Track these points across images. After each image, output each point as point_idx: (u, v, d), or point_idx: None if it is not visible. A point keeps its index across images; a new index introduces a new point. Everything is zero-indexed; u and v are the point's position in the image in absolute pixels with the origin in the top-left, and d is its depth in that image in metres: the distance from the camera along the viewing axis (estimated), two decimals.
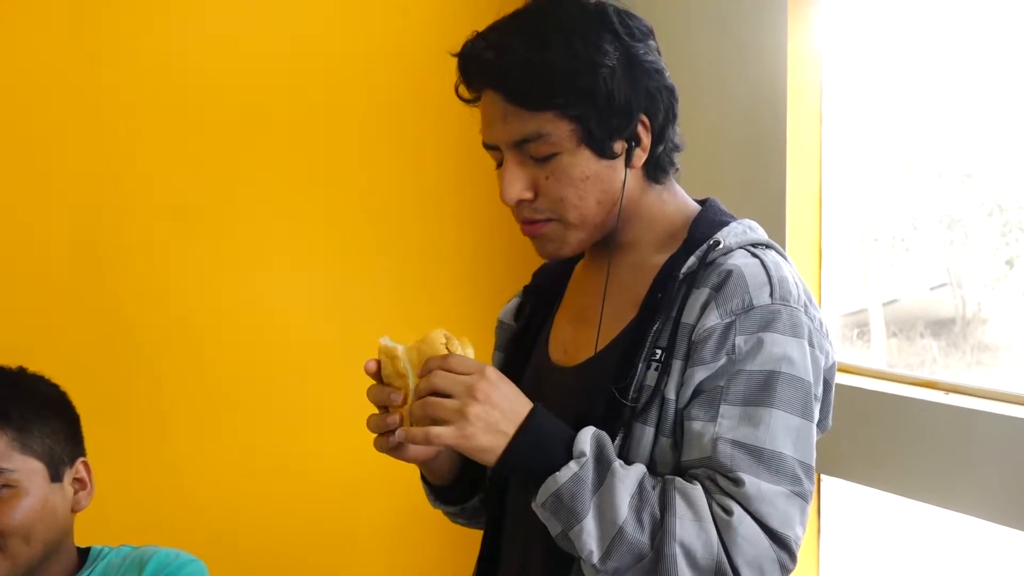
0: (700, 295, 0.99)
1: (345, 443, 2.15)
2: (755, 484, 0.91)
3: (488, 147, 1.06)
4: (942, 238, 2.06)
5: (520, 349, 1.16)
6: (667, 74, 1.06)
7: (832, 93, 2.09)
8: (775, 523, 0.91)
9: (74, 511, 1.31)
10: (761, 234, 1.08)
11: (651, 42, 1.06)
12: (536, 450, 0.93)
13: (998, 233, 1.96)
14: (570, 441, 0.94)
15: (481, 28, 1.05)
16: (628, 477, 0.92)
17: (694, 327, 0.98)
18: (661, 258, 1.06)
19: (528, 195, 1.03)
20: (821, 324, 1.03)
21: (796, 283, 1.01)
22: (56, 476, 1.29)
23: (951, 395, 1.79)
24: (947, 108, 2.00)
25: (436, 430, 0.93)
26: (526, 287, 1.22)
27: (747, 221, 1.08)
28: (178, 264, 2.02)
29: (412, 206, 2.23)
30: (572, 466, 0.92)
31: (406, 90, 2.23)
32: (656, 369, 0.99)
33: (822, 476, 2.05)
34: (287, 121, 2.13)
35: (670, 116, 1.06)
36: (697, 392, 0.97)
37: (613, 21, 1.03)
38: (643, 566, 0.90)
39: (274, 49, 2.10)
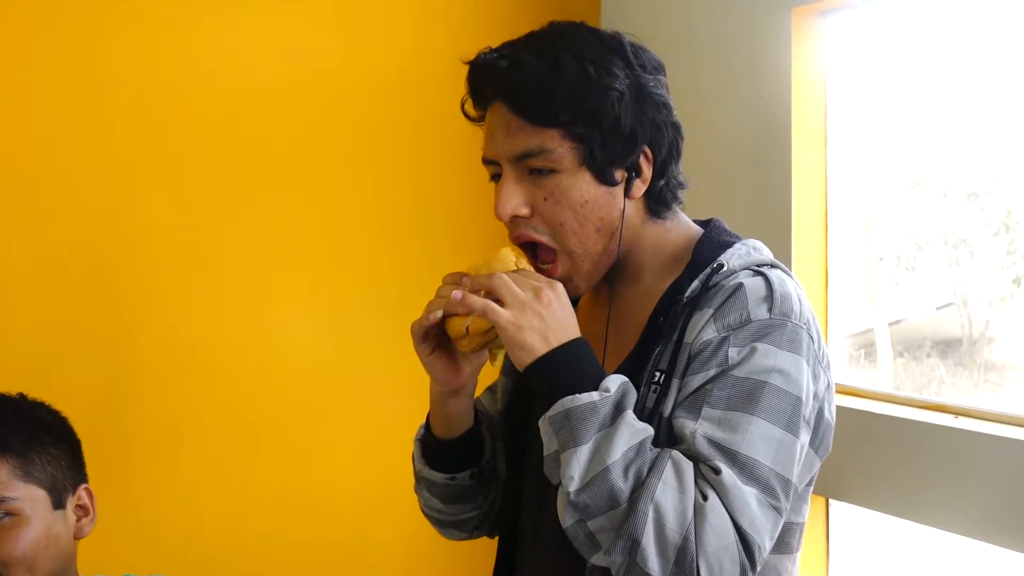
0: (703, 316, 0.99)
1: (353, 467, 2.15)
2: (731, 476, 0.91)
3: (487, 162, 1.06)
4: (948, 257, 2.05)
5: (517, 372, 1.13)
6: (674, 111, 1.07)
7: (837, 113, 2.10)
8: (744, 522, 0.90)
9: (77, 538, 1.30)
10: (766, 254, 1.07)
11: (661, 77, 1.07)
12: (568, 369, 0.95)
13: (1004, 252, 1.96)
14: (601, 377, 0.95)
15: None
16: (634, 430, 0.92)
17: (692, 344, 0.99)
18: (665, 284, 1.06)
19: (524, 211, 1.03)
20: (821, 348, 1.02)
21: (800, 300, 1.01)
22: (59, 503, 1.28)
23: (960, 419, 1.78)
24: (952, 127, 2.00)
25: (494, 305, 0.96)
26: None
27: (751, 241, 1.08)
28: (186, 290, 2.01)
29: (418, 233, 2.23)
30: (594, 395, 0.93)
31: (411, 117, 2.22)
32: (655, 391, 0.99)
33: (830, 501, 2.04)
34: (294, 149, 2.11)
35: (674, 152, 1.07)
36: (685, 396, 0.98)
37: (627, 51, 1.04)
38: (614, 514, 0.90)
39: (280, 78, 2.09)
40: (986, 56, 1.90)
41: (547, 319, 0.96)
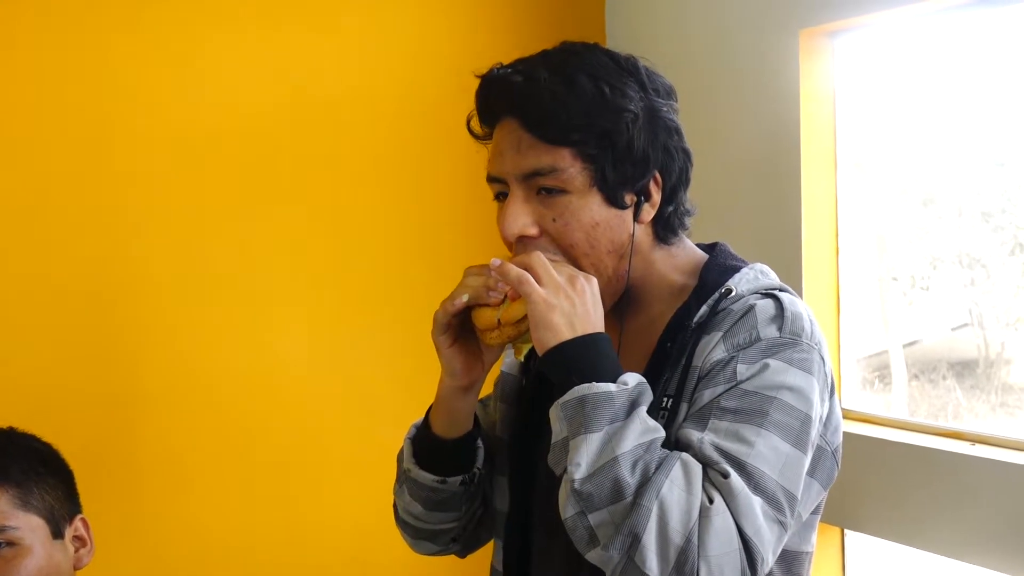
0: (711, 339, 0.99)
1: (357, 491, 2.12)
2: (740, 482, 0.89)
3: (493, 180, 1.05)
4: (963, 277, 2.03)
5: (528, 401, 1.14)
6: (685, 138, 1.06)
7: (846, 131, 2.10)
8: (750, 529, 0.88)
9: (76, 569, 1.29)
10: (773, 279, 1.06)
11: (673, 102, 1.06)
12: (587, 358, 0.94)
13: (1020, 271, 1.94)
14: (619, 373, 0.95)
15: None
16: (647, 427, 0.91)
17: (701, 366, 0.98)
18: (672, 310, 1.05)
19: (532, 231, 1.02)
20: (829, 375, 1.01)
21: (811, 321, 1.00)
22: (57, 533, 1.27)
23: (977, 446, 1.76)
24: (966, 144, 1.99)
25: (530, 277, 0.96)
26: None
27: (759, 266, 1.07)
28: (186, 312, 1.98)
29: (423, 252, 2.21)
30: (611, 386, 0.92)
31: (416, 137, 2.20)
32: (663, 417, 0.98)
33: (845, 531, 2.00)
34: (295, 169, 2.08)
35: (683, 178, 1.06)
36: (693, 412, 0.97)
37: (642, 74, 1.03)
38: (617, 508, 0.88)
39: (281, 97, 2.05)
40: (998, 73, 1.89)
41: (577, 306, 0.96)
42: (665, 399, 0.99)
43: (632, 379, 0.94)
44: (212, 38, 2.00)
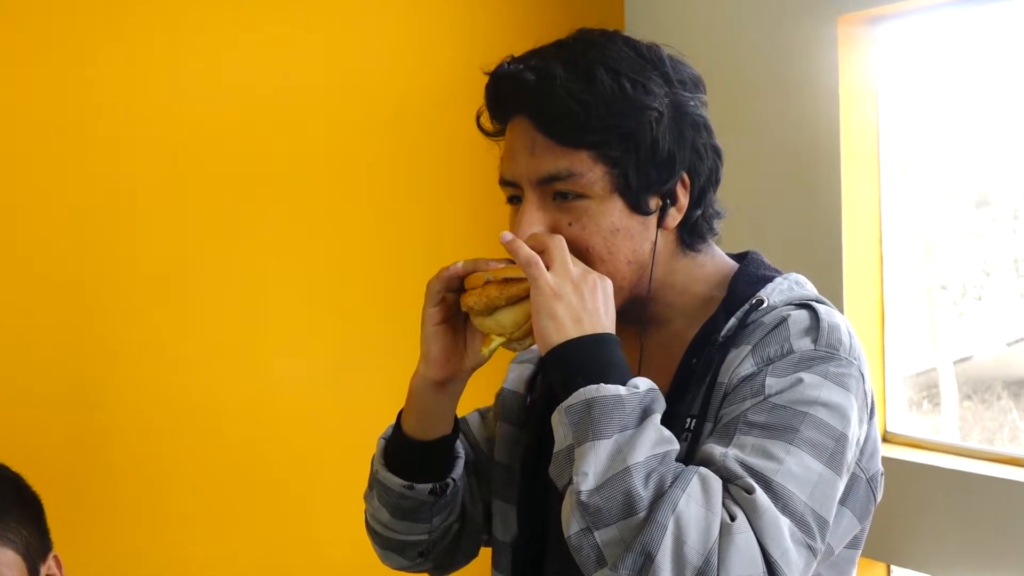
0: (740, 353, 0.97)
1: (353, 522, 2.11)
2: (765, 499, 0.86)
3: (505, 183, 1.03)
4: (1020, 286, 2.01)
5: (535, 422, 1.11)
6: (715, 134, 1.04)
7: (890, 127, 2.07)
8: (776, 551, 0.85)
9: None
10: (810, 289, 1.04)
11: (701, 95, 1.04)
12: (594, 359, 0.93)
13: None
14: (629, 376, 0.92)
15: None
16: (661, 437, 0.89)
17: (728, 383, 0.96)
18: (698, 324, 1.02)
19: None
20: (869, 394, 0.99)
21: (849, 334, 0.97)
22: (34, 570, 1.23)
23: None
24: (1022, 139, 1.96)
25: (539, 260, 0.95)
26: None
27: (793, 276, 1.05)
28: (169, 329, 1.95)
29: (427, 267, 2.20)
30: (621, 388, 0.90)
31: (419, 143, 2.17)
32: (686, 439, 0.96)
33: (892, 567, 1.98)
34: (289, 175, 2.07)
35: (713, 179, 1.04)
36: (717, 428, 0.95)
37: (666, 65, 1.01)
38: (628, 524, 0.85)
39: (271, 97, 2.05)
40: None
41: (587, 302, 0.95)
42: (688, 420, 0.97)
43: (643, 383, 0.92)
44: (198, 32, 1.98)
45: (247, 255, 2.03)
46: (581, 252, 0.99)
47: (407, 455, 1.09)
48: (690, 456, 0.94)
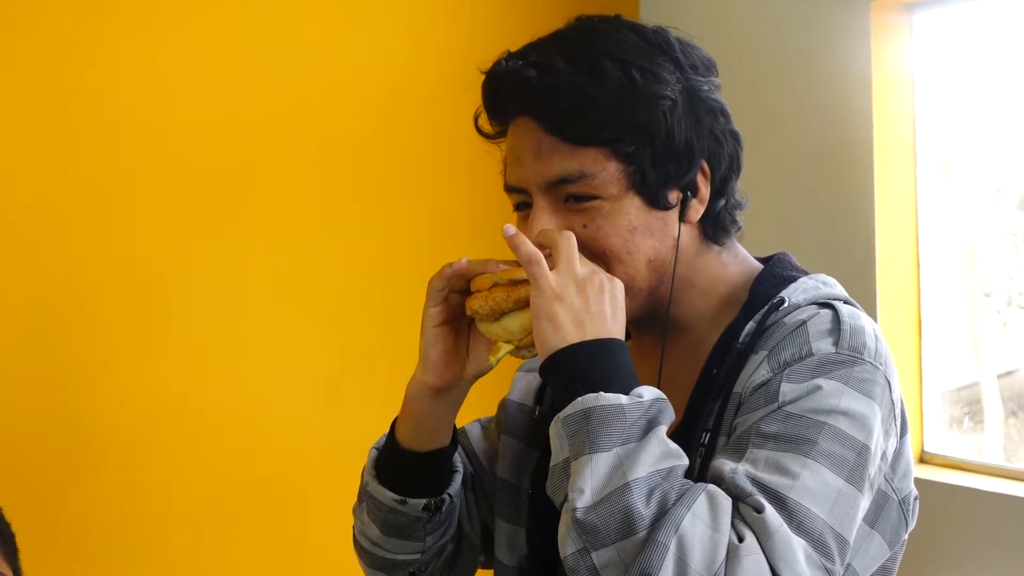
0: (756, 359, 0.95)
1: (344, 549, 2.10)
2: (776, 518, 0.85)
3: (512, 189, 1.02)
4: None
5: (545, 437, 1.07)
6: (732, 118, 1.04)
7: (927, 121, 2.06)
8: (787, 575, 0.84)
9: None
10: (838, 290, 1.02)
11: (714, 78, 1.03)
12: (596, 366, 0.91)
13: None
14: (634, 384, 0.91)
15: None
16: (667, 451, 0.88)
17: (743, 392, 0.95)
18: (720, 330, 1.01)
19: None
20: (899, 403, 0.97)
21: (876, 337, 0.96)
22: None
23: None
24: None
25: (542, 260, 0.93)
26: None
27: (821, 276, 1.04)
28: (149, 345, 1.93)
29: (424, 278, 2.20)
30: (622, 397, 0.89)
31: (416, 153, 2.17)
32: (700, 455, 0.95)
33: None
34: (278, 181, 2.06)
35: (734, 165, 1.03)
36: (729, 441, 0.93)
37: (675, 49, 1.00)
38: (627, 545, 0.84)
39: (259, 98, 2.05)
40: None
41: (592, 305, 0.93)
42: (703, 434, 0.95)
43: (649, 393, 0.90)
44: (181, 23, 1.96)
45: (232, 258, 2.02)
46: (598, 254, 0.99)
47: (400, 467, 1.08)
48: (703, 472, 0.93)
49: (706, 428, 0.96)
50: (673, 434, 0.97)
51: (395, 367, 2.23)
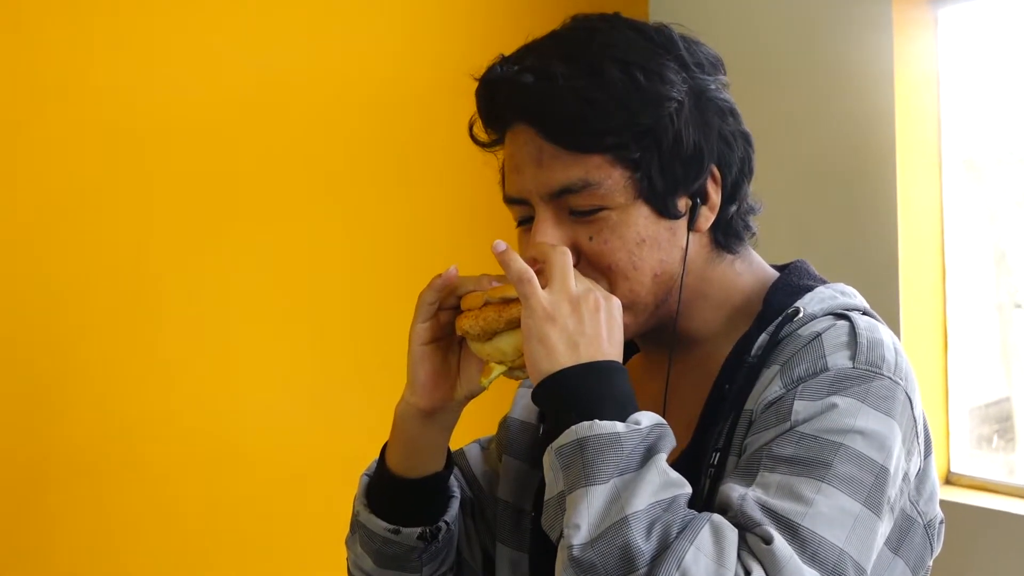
0: (769, 374, 0.94)
1: (334, 571, 2.08)
2: (786, 549, 0.84)
3: (512, 201, 1.01)
4: None
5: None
6: (742, 118, 1.03)
7: (953, 122, 2.04)
8: None
9: None
10: (857, 300, 1.01)
11: (721, 76, 1.02)
12: (591, 391, 0.90)
13: None
14: (633, 409, 0.90)
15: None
16: (667, 480, 0.86)
17: (755, 409, 0.93)
18: (732, 343, 1.00)
19: None
20: (921, 420, 0.95)
21: (895, 350, 0.94)
22: None
23: None
24: None
25: (533, 279, 0.92)
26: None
27: (839, 285, 1.02)
28: (123, 362, 1.90)
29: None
30: (619, 425, 0.87)
31: (411, 151, 2.18)
32: (709, 475, 0.94)
33: None
34: (263, 189, 2.04)
35: (746, 168, 1.02)
36: (739, 463, 0.92)
37: (679, 47, 1.00)
38: None
39: (245, 108, 2.03)
40: None
41: (586, 326, 0.92)
42: (713, 454, 0.94)
43: (647, 419, 0.89)
44: (167, 21, 1.95)
45: (216, 266, 1.99)
46: (602, 269, 0.98)
47: (392, 495, 1.07)
48: (712, 495, 0.92)
49: (716, 447, 0.95)
50: (682, 454, 0.98)
51: (389, 380, 2.22)
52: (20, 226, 1.85)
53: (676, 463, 0.95)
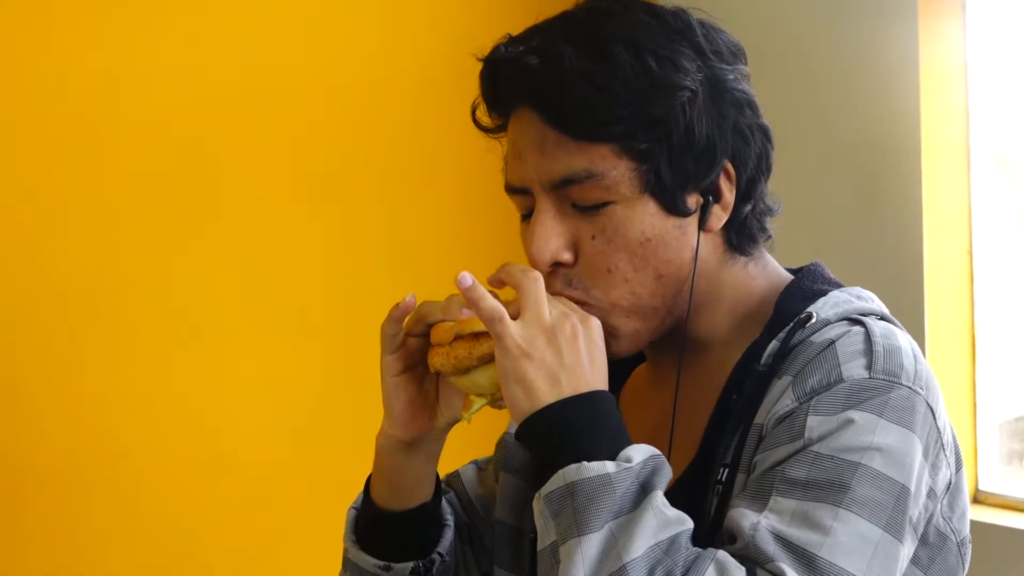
0: (780, 385, 0.93)
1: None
2: None
3: (514, 191, 1.00)
4: None
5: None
6: (761, 112, 1.01)
7: (982, 116, 2.03)
8: None
9: None
10: (874, 304, 1.00)
11: (741, 67, 1.02)
12: (578, 428, 0.90)
13: None
14: (623, 446, 0.89)
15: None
16: (664, 520, 0.86)
17: (765, 424, 0.93)
18: (742, 351, 1.00)
19: (567, 256, 0.98)
20: (946, 429, 0.94)
21: (914, 357, 0.94)
22: None
23: None
24: None
25: (504, 312, 0.91)
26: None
27: (855, 289, 1.02)
28: (93, 377, 1.90)
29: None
30: (608, 465, 0.87)
31: (407, 152, 2.19)
32: (717, 493, 0.94)
33: None
34: (246, 190, 2.06)
35: (763, 166, 1.02)
36: (749, 484, 0.91)
37: (696, 34, 0.99)
38: None
39: (229, 103, 2.05)
40: None
41: (565, 356, 0.91)
42: (720, 470, 0.94)
43: (639, 453, 0.88)
44: (153, 13, 1.98)
45: (198, 267, 2.01)
46: (600, 272, 0.98)
47: (380, 529, 1.07)
48: (720, 515, 0.92)
49: (724, 463, 0.94)
50: (687, 470, 0.98)
51: (377, 381, 2.21)
52: None
53: (682, 477, 0.98)
